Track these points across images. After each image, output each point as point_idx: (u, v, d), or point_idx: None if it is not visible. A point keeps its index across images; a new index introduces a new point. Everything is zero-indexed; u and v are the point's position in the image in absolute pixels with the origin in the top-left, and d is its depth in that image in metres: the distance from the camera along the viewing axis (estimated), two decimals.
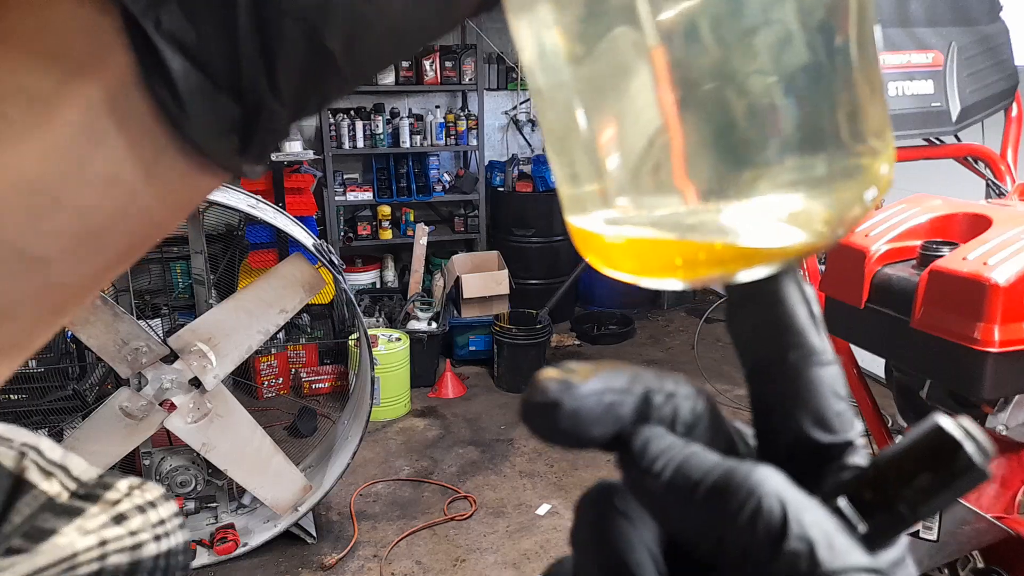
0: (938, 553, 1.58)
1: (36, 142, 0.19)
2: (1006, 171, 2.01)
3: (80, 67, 0.19)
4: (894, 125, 1.86)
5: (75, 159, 0.19)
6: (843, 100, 0.22)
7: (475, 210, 5.54)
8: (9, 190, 0.19)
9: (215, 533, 3.02)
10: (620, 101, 0.23)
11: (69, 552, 0.25)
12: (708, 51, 0.21)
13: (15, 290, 0.20)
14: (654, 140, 0.22)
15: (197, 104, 0.19)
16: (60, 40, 0.18)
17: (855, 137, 0.23)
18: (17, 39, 0.18)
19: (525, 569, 2.97)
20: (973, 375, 1.35)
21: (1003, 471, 1.61)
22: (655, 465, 0.22)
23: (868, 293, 1.53)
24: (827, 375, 0.23)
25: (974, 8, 2.02)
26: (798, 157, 0.22)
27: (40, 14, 0.18)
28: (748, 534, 0.20)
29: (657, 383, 0.23)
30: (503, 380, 4.52)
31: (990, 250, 1.37)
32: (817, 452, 0.23)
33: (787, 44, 0.22)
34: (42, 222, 0.19)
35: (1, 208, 0.19)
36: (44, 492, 0.26)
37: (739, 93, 0.21)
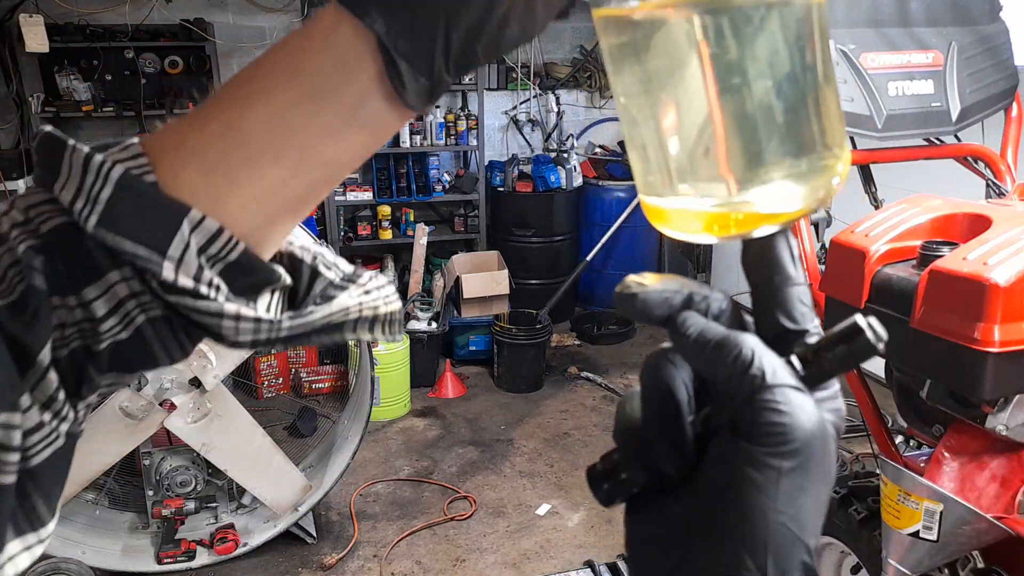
0: (938, 553, 1.58)
1: (336, 104, 0.39)
2: (1006, 171, 2.01)
3: (356, 67, 0.38)
4: (895, 125, 1.87)
5: (353, 112, 0.40)
6: (819, 124, 0.36)
7: (475, 210, 5.54)
8: (325, 133, 0.40)
9: (215, 533, 3.01)
10: (679, 123, 0.36)
11: (343, 306, 0.45)
12: (741, 94, 0.35)
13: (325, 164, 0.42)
14: (698, 150, 0.36)
15: (411, 85, 0.38)
16: (346, 56, 0.38)
17: (826, 147, 0.37)
18: (325, 56, 0.39)
19: (525, 569, 2.97)
20: (973, 375, 1.35)
21: (1003, 471, 1.61)
22: (688, 330, 0.36)
23: (868, 293, 1.53)
24: (796, 291, 0.38)
25: (974, 8, 2.02)
26: (793, 159, 0.36)
27: (336, 41, 0.38)
28: (731, 366, 0.34)
29: (699, 289, 0.38)
30: (503, 380, 4.52)
31: (990, 250, 1.37)
32: (787, 334, 0.37)
33: (787, 89, 0.35)
34: (339, 143, 0.41)
35: (320, 137, 0.40)
36: (327, 277, 0.46)
37: (759, 121, 0.35)
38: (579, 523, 3.24)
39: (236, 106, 0.40)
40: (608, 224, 5.12)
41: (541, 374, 4.54)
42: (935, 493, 1.54)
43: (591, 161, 5.54)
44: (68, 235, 0.38)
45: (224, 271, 0.39)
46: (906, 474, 1.60)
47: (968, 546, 1.59)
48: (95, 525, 3.04)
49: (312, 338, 0.44)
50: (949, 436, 1.64)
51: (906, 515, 1.59)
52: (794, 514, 0.33)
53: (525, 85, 5.70)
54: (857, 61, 1.83)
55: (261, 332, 0.41)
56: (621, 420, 0.38)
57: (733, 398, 0.34)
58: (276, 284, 0.42)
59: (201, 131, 0.40)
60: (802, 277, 0.38)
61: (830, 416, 0.35)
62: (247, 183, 0.40)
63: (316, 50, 0.39)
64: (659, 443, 0.36)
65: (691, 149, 0.36)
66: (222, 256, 0.39)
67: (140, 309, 0.39)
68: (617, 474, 0.38)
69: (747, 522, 0.33)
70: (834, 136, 0.37)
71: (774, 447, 0.32)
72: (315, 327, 0.44)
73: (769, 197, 0.35)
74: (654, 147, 0.37)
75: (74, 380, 0.40)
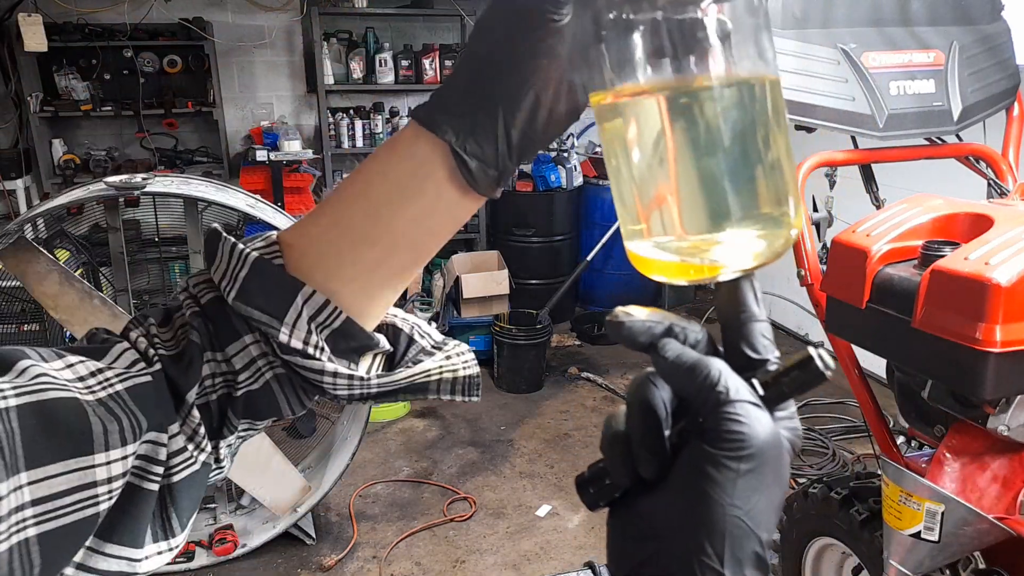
0: (940, 554, 1.58)
1: (420, 201, 0.49)
2: (1007, 171, 2.00)
3: (432, 169, 0.48)
4: (896, 124, 1.86)
5: (430, 206, 0.49)
6: (773, 187, 0.42)
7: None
8: (412, 222, 0.50)
9: (214, 534, 3.01)
10: (649, 187, 0.43)
11: (425, 369, 0.55)
12: (704, 151, 0.41)
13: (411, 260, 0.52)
14: (664, 211, 0.42)
15: (480, 177, 0.48)
16: (424, 162, 0.48)
17: (780, 206, 0.42)
18: (408, 163, 0.49)
19: (525, 570, 2.97)
20: (974, 375, 1.34)
21: (1004, 472, 1.60)
22: (667, 355, 0.41)
23: (869, 293, 1.53)
24: (759, 327, 0.43)
25: (976, 7, 2.01)
26: (746, 221, 0.41)
27: (415, 151, 0.48)
28: (701, 384, 0.39)
29: (678, 321, 0.43)
30: (503, 380, 4.51)
31: (992, 250, 1.37)
32: (751, 363, 0.42)
33: (741, 160, 0.41)
34: (423, 229, 0.51)
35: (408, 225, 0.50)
36: (419, 344, 0.57)
37: (714, 188, 0.41)
38: (579, 524, 3.23)
39: (342, 204, 0.51)
40: (608, 224, 5.11)
41: (541, 374, 4.54)
42: (936, 494, 1.54)
43: (591, 161, 5.53)
44: (218, 306, 0.50)
45: (329, 336, 0.50)
46: (907, 475, 1.59)
47: (970, 547, 1.59)
48: None
49: (399, 396, 0.55)
50: (950, 437, 1.64)
51: (907, 516, 1.59)
52: (748, 510, 0.38)
53: None
54: (858, 60, 1.83)
55: (355, 388, 0.52)
56: (607, 432, 0.43)
57: (701, 410, 0.39)
58: (375, 348, 0.53)
59: (317, 224, 0.52)
60: (764, 315, 0.44)
61: (787, 432, 0.41)
62: (350, 264, 0.51)
63: (401, 158, 0.49)
64: (640, 451, 0.41)
65: (658, 210, 0.43)
66: (328, 323, 0.50)
67: (268, 366, 0.50)
68: (602, 479, 0.43)
69: (708, 515, 0.38)
70: (786, 197, 0.42)
71: (733, 451, 0.38)
72: (401, 386, 0.54)
73: (726, 252, 0.42)
74: (631, 204, 0.43)
75: (218, 421, 0.51)
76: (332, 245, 0.51)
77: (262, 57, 5.31)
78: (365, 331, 0.52)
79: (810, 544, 2.18)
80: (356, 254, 0.50)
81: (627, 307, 0.43)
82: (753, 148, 0.41)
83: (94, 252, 3.32)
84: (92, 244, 3.43)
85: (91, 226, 3.61)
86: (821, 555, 2.19)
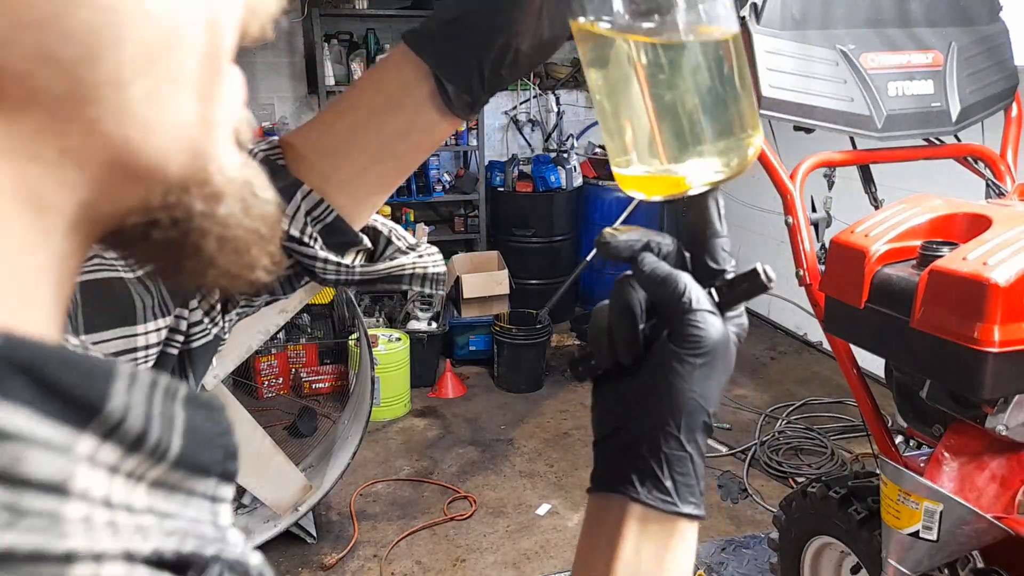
0: (938, 553, 1.58)
1: (402, 113, 0.58)
2: (1006, 171, 2.01)
3: (414, 88, 0.56)
4: (895, 125, 1.87)
5: (411, 120, 0.58)
6: (735, 111, 0.50)
7: (475, 210, 5.54)
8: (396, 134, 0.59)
9: None
10: (633, 116, 0.50)
11: (400, 264, 0.65)
12: (670, 91, 0.48)
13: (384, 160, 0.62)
14: (641, 138, 0.50)
15: (456, 100, 0.56)
16: (408, 80, 0.57)
17: (741, 129, 0.51)
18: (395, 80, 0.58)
19: (525, 569, 2.97)
20: (973, 375, 1.35)
21: (1003, 471, 1.61)
22: (644, 267, 0.50)
23: (868, 293, 1.53)
24: (720, 241, 0.52)
25: (974, 8, 2.02)
26: (711, 143, 0.50)
27: (401, 71, 0.57)
28: (670, 295, 0.49)
29: (655, 236, 0.52)
30: (503, 380, 4.52)
31: (990, 250, 1.37)
32: (712, 272, 0.52)
33: (709, 85, 0.49)
34: (406, 142, 0.60)
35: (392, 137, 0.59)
36: (396, 245, 0.66)
37: (683, 118, 0.49)
38: (579, 523, 3.22)
39: (337, 114, 0.59)
40: (608, 224, 5.09)
41: (541, 374, 4.54)
42: (935, 493, 1.54)
43: (591, 161, 5.54)
44: None
45: (322, 230, 0.59)
46: (906, 474, 1.60)
47: (968, 546, 1.59)
48: None
49: (379, 284, 0.66)
50: (949, 436, 1.64)
51: (906, 515, 1.59)
52: (702, 392, 0.49)
53: (525, 85, 5.70)
54: (857, 61, 1.83)
55: (341, 274, 0.62)
56: (593, 324, 0.53)
57: (669, 316, 0.50)
58: (359, 245, 0.63)
59: (315, 130, 0.61)
60: (725, 230, 0.53)
61: (735, 329, 0.51)
62: (343, 167, 0.60)
63: (390, 77, 0.58)
64: (619, 339, 0.51)
65: (636, 137, 0.51)
66: (321, 218, 0.59)
67: None
68: (588, 360, 0.55)
69: (671, 396, 0.49)
70: (746, 122, 0.51)
71: (692, 350, 0.48)
72: (380, 276, 0.65)
73: (694, 168, 0.50)
74: (616, 134, 0.52)
75: (224, 299, 0.62)
76: (327, 150, 0.60)
77: (263, 58, 5.31)
78: (352, 229, 0.61)
79: (808, 543, 2.18)
80: (347, 160, 0.60)
81: (613, 227, 0.52)
82: (714, 85, 0.50)
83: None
84: None
85: None
86: (819, 554, 2.20)
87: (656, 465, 0.49)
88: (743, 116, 0.51)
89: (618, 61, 0.49)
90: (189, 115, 0.24)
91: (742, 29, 1.77)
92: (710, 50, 0.49)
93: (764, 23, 1.78)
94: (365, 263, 0.64)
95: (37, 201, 0.21)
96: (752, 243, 5.49)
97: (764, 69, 1.76)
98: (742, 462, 3.60)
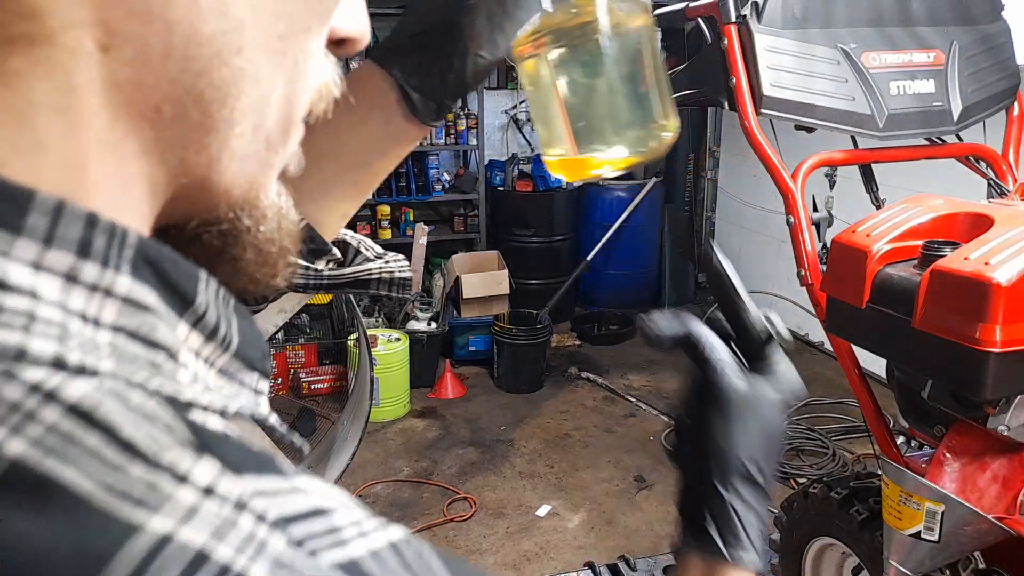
0: (939, 554, 1.58)
1: (371, 125, 0.62)
2: (1007, 171, 2.00)
3: (382, 99, 0.61)
4: (896, 124, 1.86)
5: (380, 130, 0.62)
6: (649, 103, 0.57)
7: (475, 210, 5.53)
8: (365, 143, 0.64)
9: None
10: (550, 112, 0.59)
11: (367, 269, 0.69)
12: (575, 92, 0.57)
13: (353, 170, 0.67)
14: (561, 130, 0.58)
15: (422, 108, 0.61)
16: (375, 93, 0.61)
17: (656, 118, 0.57)
18: (363, 93, 0.59)
19: (525, 570, 2.97)
20: (975, 375, 1.34)
21: (1004, 472, 1.60)
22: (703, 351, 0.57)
23: (869, 293, 1.53)
24: (750, 316, 0.59)
25: (976, 7, 2.01)
26: (625, 130, 0.57)
27: (370, 84, 0.61)
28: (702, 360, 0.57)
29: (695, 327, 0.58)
30: (503, 380, 4.51)
31: (992, 250, 1.37)
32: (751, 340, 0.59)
33: (623, 78, 0.56)
34: (374, 151, 0.64)
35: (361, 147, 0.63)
36: (364, 255, 0.70)
37: (593, 112, 0.59)
38: (579, 524, 3.23)
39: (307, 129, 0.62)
40: (608, 224, 5.12)
41: (541, 374, 4.54)
42: (936, 494, 1.54)
43: None
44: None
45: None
46: (907, 475, 1.59)
47: (969, 547, 1.59)
48: None
49: (346, 289, 0.70)
50: (950, 437, 1.64)
51: (907, 516, 1.58)
52: (733, 443, 0.54)
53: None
54: (858, 60, 1.83)
55: (310, 278, 0.66)
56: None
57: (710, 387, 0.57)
58: (328, 254, 0.66)
59: None
60: (749, 303, 0.60)
61: (774, 388, 0.57)
62: (313, 176, 0.59)
63: (358, 89, 0.56)
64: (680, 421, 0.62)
65: (553, 130, 0.59)
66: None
67: None
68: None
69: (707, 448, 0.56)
70: (656, 112, 0.58)
71: (718, 407, 0.55)
72: (347, 280, 0.69)
73: (602, 154, 0.58)
74: (542, 127, 0.61)
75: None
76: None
77: None
78: (321, 237, 0.64)
79: (810, 544, 2.18)
80: (318, 168, 0.61)
81: (650, 316, 0.57)
82: (628, 81, 0.57)
83: None
84: None
85: None
86: (821, 555, 2.19)
87: (700, 514, 0.54)
88: (651, 108, 0.57)
89: (538, 64, 0.59)
90: (260, 155, 0.32)
91: (743, 28, 1.77)
92: (614, 52, 0.56)
93: (765, 22, 1.77)
94: (334, 268, 0.68)
95: (151, 190, 0.29)
96: (753, 243, 5.49)
97: (765, 68, 1.76)
98: None
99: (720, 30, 1.80)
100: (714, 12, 1.82)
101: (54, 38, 0.24)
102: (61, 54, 0.24)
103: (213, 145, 0.29)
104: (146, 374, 0.23)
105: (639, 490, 3.49)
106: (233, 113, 0.29)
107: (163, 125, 0.27)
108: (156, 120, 0.27)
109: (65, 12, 0.24)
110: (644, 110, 0.57)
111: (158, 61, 0.26)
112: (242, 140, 0.30)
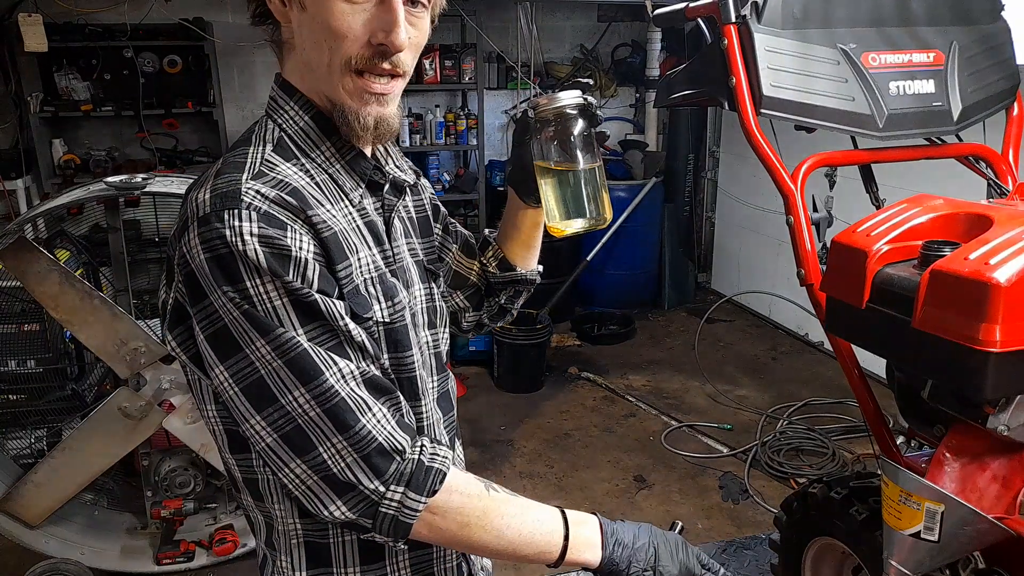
0: (939, 554, 1.57)
1: (518, 216, 1.32)
2: (1007, 171, 2.00)
3: (517, 205, 1.30)
4: (896, 125, 1.86)
5: (521, 216, 1.32)
6: (597, 201, 1.11)
7: (475, 210, 5.53)
8: (519, 225, 1.34)
9: (214, 534, 3.01)
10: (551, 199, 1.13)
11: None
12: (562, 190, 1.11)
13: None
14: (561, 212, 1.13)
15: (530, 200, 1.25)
16: (516, 204, 1.30)
17: (602, 209, 1.11)
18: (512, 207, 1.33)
19: (525, 571, 2.96)
20: (975, 375, 1.34)
21: (1004, 472, 1.60)
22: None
23: (869, 293, 1.53)
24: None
25: (976, 7, 2.01)
26: (591, 214, 1.11)
27: (514, 202, 1.31)
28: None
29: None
30: (503, 380, 4.51)
31: (992, 250, 1.37)
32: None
33: (588, 193, 1.10)
34: (522, 225, 1.34)
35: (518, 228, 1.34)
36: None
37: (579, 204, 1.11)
38: None
39: (509, 227, 1.35)
40: (608, 224, 5.11)
41: (541, 374, 4.54)
42: (936, 494, 1.54)
43: None
44: None
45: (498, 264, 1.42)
46: (907, 475, 1.59)
47: (969, 547, 1.59)
48: (94, 526, 3.04)
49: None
50: (950, 437, 1.64)
51: (907, 516, 1.58)
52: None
53: (525, 84, 5.70)
54: (858, 60, 1.83)
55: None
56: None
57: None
58: (528, 281, 1.50)
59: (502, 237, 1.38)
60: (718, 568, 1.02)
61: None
62: (506, 245, 1.36)
63: (509, 203, 1.30)
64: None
65: (552, 209, 1.11)
66: (498, 255, 1.38)
67: None
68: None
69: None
70: (603, 206, 1.10)
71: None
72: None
73: (573, 224, 1.10)
74: (550, 209, 1.11)
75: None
76: (501, 239, 1.36)
77: (262, 57, 5.31)
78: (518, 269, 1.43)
79: (810, 544, 2.18)
80: (508, 241, 1.34)
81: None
82: (591, 189, 1.08)
83: (94, 252, 3.32)
84: (92, 244, 3.43)
85: (91, 226, 3.61)
86: (821, 555, 2.19)
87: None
88: (602, 203, 1.09)
89: (546, 174, 1.09)
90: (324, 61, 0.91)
91: (743, 28, 1.77)
92: (592, 171, 1.08)
93: (765, 22, 1.77)
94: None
95: (315, 91, 0.96)
96: (753, 243, 5.49)
97: (765, 68, 1.76)
98: (743, 463, 3.59)
99: (720, 30, 1.80)
100: (714, 12, 1.82)
101: (292, 43, 0.94)
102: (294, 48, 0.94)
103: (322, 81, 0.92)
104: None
105: (639, 490, 3.49)
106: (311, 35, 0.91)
107: (310, 71, 0.93)
108: (306, 71, 0.94)
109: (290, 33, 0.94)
110: (599, 204, 1.09)
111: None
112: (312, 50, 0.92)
